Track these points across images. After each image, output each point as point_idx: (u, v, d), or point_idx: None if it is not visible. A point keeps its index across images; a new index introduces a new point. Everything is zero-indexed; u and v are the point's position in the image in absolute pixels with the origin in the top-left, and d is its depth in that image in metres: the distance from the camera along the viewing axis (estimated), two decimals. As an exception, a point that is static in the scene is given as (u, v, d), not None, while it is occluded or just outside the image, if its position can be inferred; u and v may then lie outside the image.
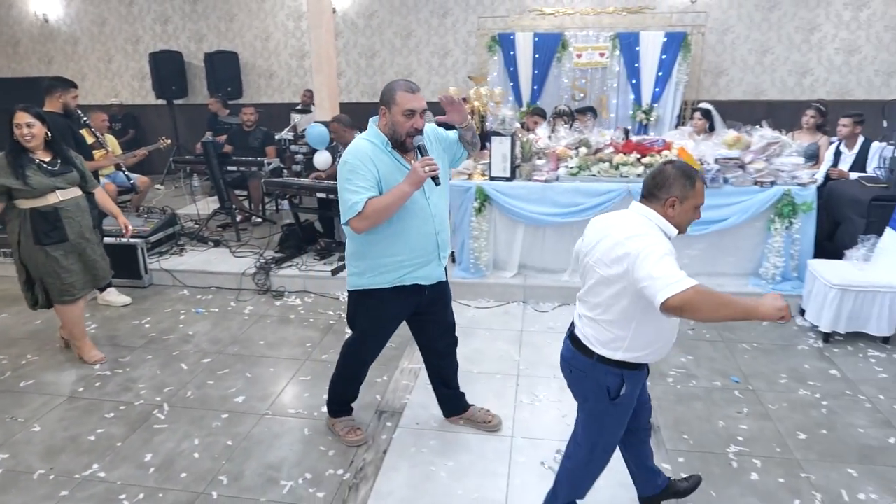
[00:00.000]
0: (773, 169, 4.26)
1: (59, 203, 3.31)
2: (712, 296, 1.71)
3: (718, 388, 3.33)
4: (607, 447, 2.12)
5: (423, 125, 2.42)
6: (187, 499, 2.49)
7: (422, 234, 2.48)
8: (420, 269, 2.52)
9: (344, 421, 2.89)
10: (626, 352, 1.96)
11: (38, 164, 3.27)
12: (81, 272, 3.46)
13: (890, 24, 7.37)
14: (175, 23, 8.79)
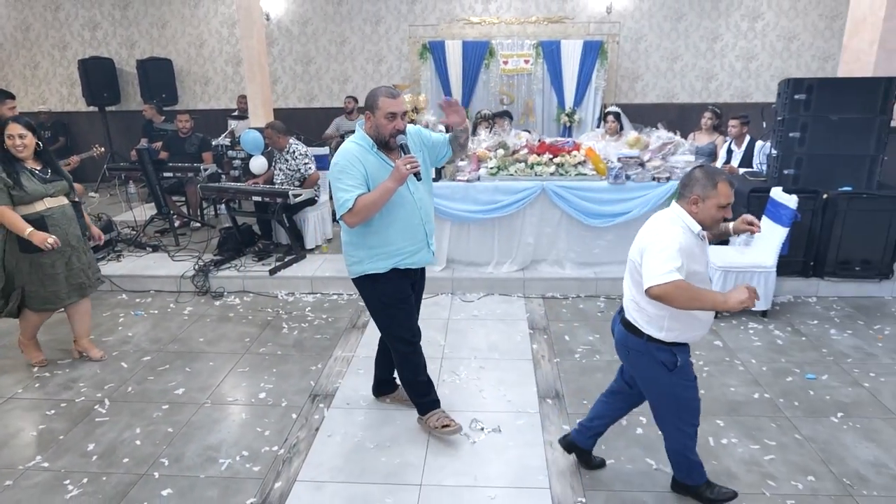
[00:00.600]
0: (669, 166, 4.76)
1: (46, 211, 3.36)
2: (688, 290, 2.02)
3: (618, 361, 3.72)
4: (689, 418, 2.36)
5: (405, 126, 2.65)
6: (130, 480, 2.70)
7: (411, 224, 2.74)
8: (413, 256, 2.80)
9: (436, 414, 2.99)
10: (668, 331, 2.22)
11: (30, 172, 3.34)
12: (65, 281, 3.48)
13: (781, 33, 8.14)
14: (105, 29, 8.72)
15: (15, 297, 3.45)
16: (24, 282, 3.42)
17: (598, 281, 4.77)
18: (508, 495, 2.59)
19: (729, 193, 2.15)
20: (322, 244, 5.56)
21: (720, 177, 2.16)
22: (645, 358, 2.30)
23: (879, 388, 3.41)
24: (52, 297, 3.46)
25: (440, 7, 8.25)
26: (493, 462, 2.81)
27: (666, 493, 2.59)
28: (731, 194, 2.16)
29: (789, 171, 4.68)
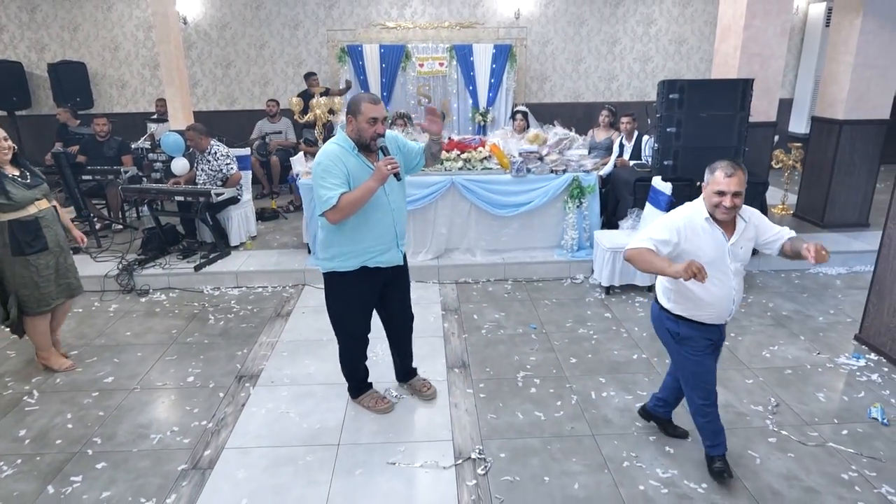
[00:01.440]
0: (565, 160, 5.30)
1: (39, 213, 3.40)
2: (647, 256, 2.32)
3: (519, 334, 4.23)
4: (699, 390, 2.59)
5: (385, 130, 2.81)
6: (64, 458, 2.90)
7: (382, 224, 2.90)
8: (382, 255, 2.96)
9: (369, 395, 3.28)
10: (674, 304, 2.51)
11: (12, 179, 3.34)
12: (55, 281, 3.55)
13: (673, 38, 8.97)
14: (11, 31, 8.47)
15: (12, 302, 3.46)
16: (17, 286, 3.44)
17: (506, 266, 5.24)
18: (416, 447, 2.98)
19: (723, 181, 2.31)
20: (246, 241, 5.77)
21: (719, 165, 2.35)
22: (658, 323, 2.68)
23: (736, 346, 4.03)
24: (46, 297, 3.51)
25: (357, 12, 8.56)
26: (404, 422, 3.19)
27: (551, 437, 3.04)
28: (727, 182, 2.31)
29: (668, 161, 5.30)
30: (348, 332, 3.15)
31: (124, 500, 2.62)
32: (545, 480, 2.73)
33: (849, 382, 3.56)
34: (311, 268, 5.10)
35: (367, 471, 2.80)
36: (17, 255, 3.36)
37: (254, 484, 2.71)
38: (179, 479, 2.75)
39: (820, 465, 2.82)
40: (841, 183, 6.10)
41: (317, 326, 4.30)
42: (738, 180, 2.34)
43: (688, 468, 2.81)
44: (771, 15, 5.55)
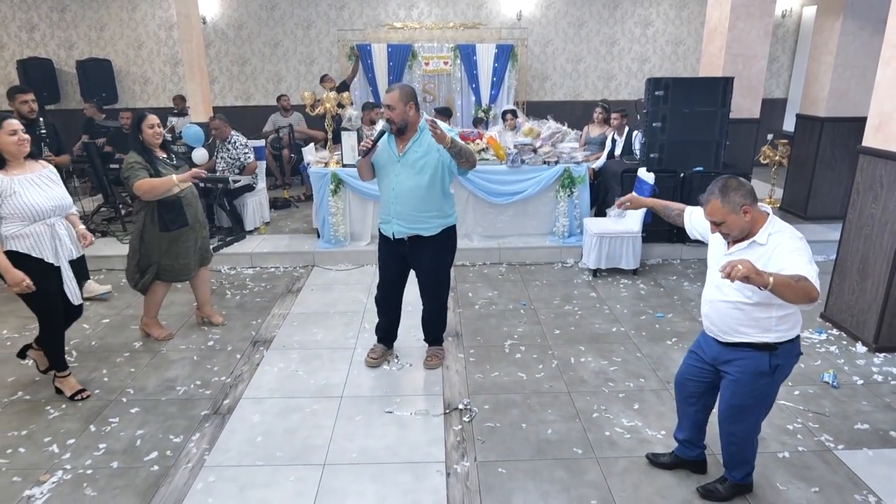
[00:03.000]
0: (557, 152, 5.67)
1: (181, 193, 3.75)
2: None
3: (510, 310, 4.60)
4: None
5: (391, 116, 3.17)
6: (102, 404, 3.31)
7: (385, 199, 3.39)
8: (385, 224, 3.44)
9: (372, 348, 3.80)
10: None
11: (162, 161, 3.73)
12: (195, 253, 3.93)
13: (669, 39, 9.30)
14: (42, 30, 8.98)
15: (151, 271, 3.82)
16: (159, 258, 3.79)
17: (501, 250, 5.61)
18: (410, 399, 3.36)
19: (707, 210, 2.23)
20: (260, 226, 6.19)
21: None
22: None
23: (710, 321, 4.38)
24: (184, 269, 3.89)
25: (366, 13, 8.98)
26: (401, 380, 3.58)
27: (531, 393, 3.42)
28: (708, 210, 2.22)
29: (654, 154, 5.66)
30: (379, 276, 3.69)
31: (156, 437, 3.03)
32: (522, 427, 3.10)
33: (808, 353, 3.89)
34: (320, 250, 5.51)
35: (365, 417, 3.19)
36: (163, 230, 3.73)
37: (267, 426, 3.11)
38: (203, 421, 3.16)
39: (769, 419, 3.12)
40: (822, 177, 6.42)
41: (324, 301, 4.71)
42: (710, 210, 2.22)
43: (651, 419, 3.17)
44: (754, 17, 5.90)
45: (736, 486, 2.61)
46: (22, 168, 3.06)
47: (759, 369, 2.30)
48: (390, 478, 2.72)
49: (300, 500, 2.58)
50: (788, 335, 2.27)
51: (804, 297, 2.01)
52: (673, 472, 2.76)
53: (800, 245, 2.14)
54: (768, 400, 2.41)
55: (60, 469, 2.77)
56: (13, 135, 2.98)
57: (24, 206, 2.99)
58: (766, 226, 2.22)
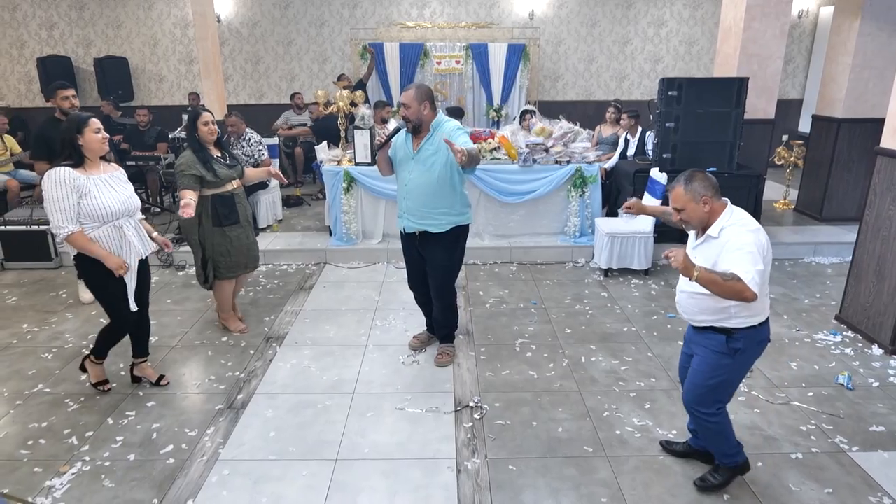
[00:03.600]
0: (569, 151, 5.67)
1: (235, 190, 3.82)
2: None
3: (521, 308, 4.61)
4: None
5: (407, 114, 3.26)
6: (119, 398, 3.37)
7: (399, 194, 3.49)
8: (399, 218, 3.54)
9: (418, 333, 4.01)
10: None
11: (216, 159, 3.76)
12: (245, 252, 3.95)
13: (683, 39, 9.25)
14: (62, 28, 9.11)
15: (210, 267, 3.88)
16: (214, 252, 3.85)
17: (512, 249, 5.63)
18: (421, 396, 3.39)
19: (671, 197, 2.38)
20: (273, 224, 6.24)
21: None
22: None
23: (722, 322, 4.36)
24: (235, 265, 3.92)
25: (379, 12, 9.01)
26: (412, 377, 3.60)
27: (541, 392, 3.43)
28: (671, 197, 2.37)
29: (667, 155, 5.64)
30: (406, 269, 3.81)
31: (171, 430, 3.07)
32: (533, 425, 3.12)
33: (822, 354, 3.87)
34: (332, 248, 5.55)
35: (377, 413, 3.21)
36: (216, 226, 3.79)
37: (280, 421, 3.14)
38: (217, 415, 3.20)
39: (782, 420, 3.16)
40: (839, 179, 6.37)
41: (336, 298, 4.75)
42: (673, 196, 2.35)
43: (662, 419, 3.17)
44: (770, 17, 5.85)
45: (729, 469, 2.63)
46: (97, 168, 3.05)
47: (718, 349, 2.41)
48: (402, 474, 2.74)
49: (312, 495, 2.61)
50: (750, 322, 2.35)
51: (735, 295, 2.15)
52: (683, 472, 2.76)
53: (747, 241, 2.21)
54: (729, 381, 2.48)
55: (79, 461, 2.83)
56: (98, 132, 2.98)
57: (97, 207, 2.96)
58: (720, 219, 2.30)
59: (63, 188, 2.87)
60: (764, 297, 2.33)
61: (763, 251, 2.22)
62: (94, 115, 3.07)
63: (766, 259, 2.24)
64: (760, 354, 2.49)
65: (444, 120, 3.41)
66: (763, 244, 2.24)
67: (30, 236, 5.28)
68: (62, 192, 2.87)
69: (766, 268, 2.24)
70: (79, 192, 2.91)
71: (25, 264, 5.37)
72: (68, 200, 2.88)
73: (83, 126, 2.95)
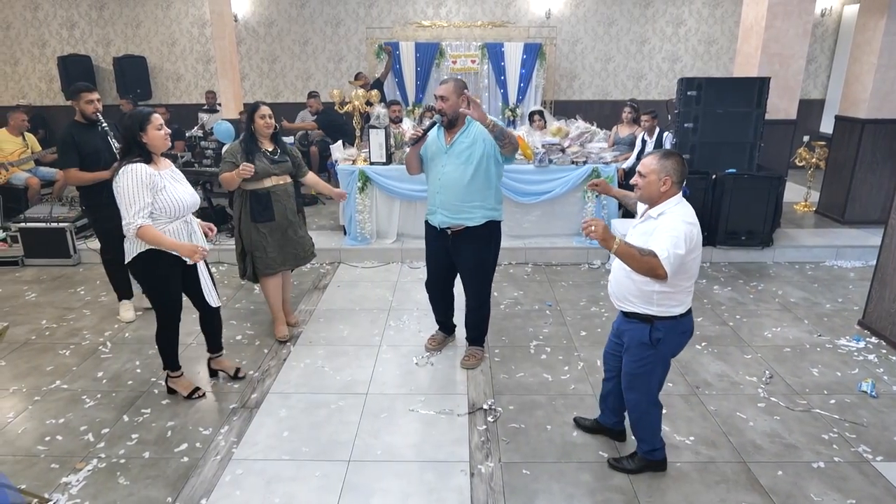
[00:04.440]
0: (586, 152, 5.61)
1: (272, 187, 3.73)
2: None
3: (535, 310, 4.57)
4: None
5: (444, 107, 3.24)
6: (135, 395, 3.39)
7: (432, 188, 3.48)
8: (431, 214, 3.53)
9: (432, 335, 3.95)
10: None
11: (263, 153, 3.73)
12: (281, 249, 3.86)
13: (702, 38, 9.13)
14: (82, 28, 9.22)
15: (248, 261, 3.87)
16: (251, 248, 3.83)
17: (527, 250, 5.58)
18: (434, 398, 3.36)
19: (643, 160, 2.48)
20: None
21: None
22: None
23: (740, 326, 4.30)
24: (271, 262, 3.83)
25: (395, 11, 9.01)
26: (425, 378, 3.58)
27: (556, 395, 3.39)
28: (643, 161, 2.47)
29: (686, 155, 5.56)
30: (426, 266, 3.77)
31: (186, 428, 3.08)
32: (547, 429, 3.08)
33: (845, 361, 3.79)
34: (347, 247, 5.55)
35: (390, 415, 3.20)
36: (252, 221, 3.76)
37: (293, 421, 3.14)
38: (231, 414, 3.20)
39: (803, 427, 3.10)
40: (862, 181, 6.24)
41: (350, 297, 4.74)
42: (645, 161, 2.43)
43: (679, 424, 3.12)
44: (792, 16, 5.75)
45: (643, 460, 2.75)
46: (161, 164, 3.07)
47: (641, 340, 2.52)
48: (415, 476, 2.72)
49: (325, 496, 2.60)
50: (670, 311, 2.45)
51: (649, 271, 2.27)
52: (701, 479, 2.71)
53: (678, 227, 2.30)
54: (655, 372, 2.59)
55: (95, 458, 2.84)
56: (160, 129, 2.98)
57: (172, 201, 2.97)
58: (666, 203, 2.40)
59: (139, 184, 2.87)
60: (686, 291, 2.45)
61: (689, 242, 2.31)
62: (155, 111, 3.06)
63: (691, 251, 2.33)
64: (684, 346, 2.60)
65: None
66: (693, 237, 2.33)
67: (49, 233, 5.35)
68: (138, 188, 2.87)
69: (689, 259, 2.34)
70: (153, 188, 2.92)
71: (45, 261, 5.44)
72: (143, 196, 2.87)
73: (146, 123, 2.96)
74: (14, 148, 6.19)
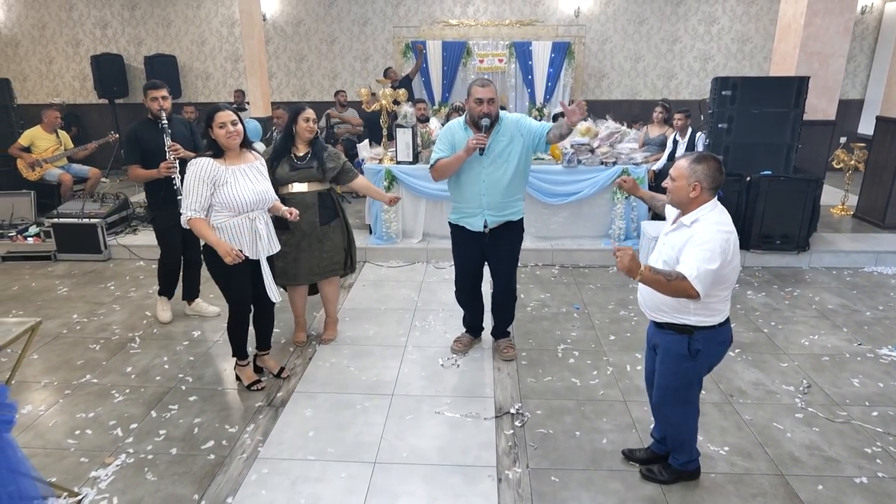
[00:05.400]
0: (615, 152, 5.51)
1: (288, 195, 3.52)
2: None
3: (563, 313, 4.50)
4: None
5: (492, 111, 3.19)
6: (163, 391, 3.41)
7: (471, 192, 3.38)
8: (470, 218, 3.45)
9: (459, 337, 3.90)
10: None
11: (290, 157, 3.55)
12: (294, 262, 3.64)
13: (735, 37, 8.92)
14: (114, 27, 9.39)
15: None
16: (274, 256, 3.69)
17: (554, 252, 5.50)
18: (461, 401, 3.32)
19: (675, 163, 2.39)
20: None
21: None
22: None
23: (776, 333, 4.17)
24: (282, 272, 3.63)
25: (422, 10, 8.98)
26: (451, 380, 3.54)
27: (585, 400, 3.32)
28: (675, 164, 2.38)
29: (718, 157, 5.42)
30: (457, 270, 3.75)
31: (212, 426, 3.08)
32: (576, 435, 3.01)
33: (887, 371, 3.64)
34: (372, 246, 5.54)
35: (416, 416, 3.16)
36: (276, 227, 3.42)
37: (319, 421, 3.12)
38: (257, 413, 3.20)
39: (844, 440, 2.98)
40: (904, 184, 6.02)
41: (375, 297, 4.72)
42: (677, 165, 2.35)
43: (713, 433, 3.02)
44: (833, 13, 5.57)
45: (677, 471, 2.65)
46: (238, 158, 3.12)
47: (679, 352, 2.39)
48: (441, 480, 2.68)
49: (351, 497, 2.57)
50: (708, 321, 2.33)
51: (680, 294, 2.16)
52: (737, 491, 2.62)
53: (712, 237, 2.18)
54: (692, 383, 2.48)
55: (124, 452, 2.86)
56: (221, 127, 3.01)
57: (233, 197, 3.02)
58: (698, 211, 2.27)
59: (198, 178, 2.98)
60: (723, 300, 2.34)
61: (725, 254, 2.19)
62: (226, 108, 3.11)
63: (729, 261, 2.21)
64: (723, 356, 2.50)
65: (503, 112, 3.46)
66: (729, 248, 2.20)
67: (81, 229, 5.44)
68: (196, 182, 2.98)
69: (727, 271, 2.23)
70: (214, 183, 3.00)
71: (76, 256, 5.53)
72: (199, 190, 2.98)
73: (211, 120, 3.05)
74: (48, 145, 6.32)
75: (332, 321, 4.06)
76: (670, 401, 2.52)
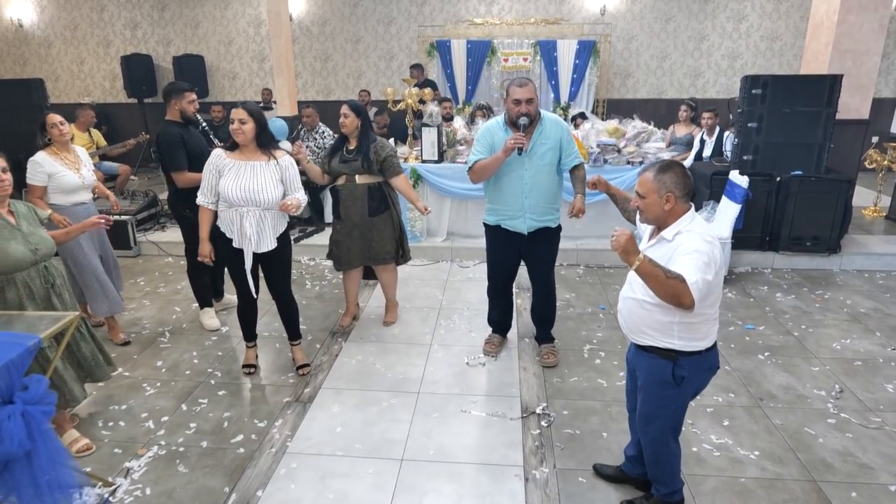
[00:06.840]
0: (642, 152, 5.45)
1: (340, 186, 3.80)
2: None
3: (588, 313, 4.47)
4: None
5: (530, 110, 3.16)
6: (193, 385, 3.47)
7: (513, 194, 3.35)
8: (510, 220, 3.43)
9: (488, 338, 3.86)
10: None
11: (342, 151, 3.76)
12: (348, 251, 3.91)
13: (765, 34, 8.77)
14: (144, 28, 9.56)
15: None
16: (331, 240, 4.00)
17: (579, 251, 5.47)
18: (487, 400, 3.32)
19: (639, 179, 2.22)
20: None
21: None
22: None
23: (806, 337, 4.09)
24: (336, 259, 3.98)
25: (446, 9, 8.98)
26: (477, 379, 3.54)
27: (611, 401, 3.29)
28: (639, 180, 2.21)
29: (748, 157, 5.35)
30: (490, 274, 3.73)
31: (241, 420, 3.13)
32: (603, 436, 2.99)
33: (920, 377, 3.56)
34: (397, 245, 5.55)
35: (442, 415, 3.17)
36: (333, 216, 3.95)
37: (346, 417, 3.15)
38: (285, 408, 3.24)
39: (878, 447, 2.91)
40: (940, 185, 5.87)
41: (400, 295, 4.70)
42: (641, 179, 2.18)
43: (742, 437, 2.98)
44: (868, 10, 5.44)
45: (660, 502, 2.47)
46: (252, 154, 3.20)
47: (663, 378, 2.22)
48: (468, 478, 2.68)
49: (379, 494, 2.59)
50: (694, 346, 2.16)
51: (672, 296, 1.98)
52: (768, 496, 2.58)
53: (700, 248, 2.02)
54: (676, 411, 2.30)
55: (156, 444, 2.92)
56: (232, 122, 3.15)
57: (222, 189, 3.18)
58: (678, 223, 2.13)
59: (207, 166, 3.23)
60: (711, 321, 2.17)
61: (714, 265, 2.03)
62: (238, 108, 3.18)
63: (716, 273, 2.05)
64: (707, 383, 2.33)
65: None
66: (716, 258, 2.04)
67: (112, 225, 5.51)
68: (207, 168, 3.23)
69: (716, 284, 2.08)
70: (218, 172, 3.19)
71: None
72: (208, 177, 3.22)
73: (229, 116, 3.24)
74: (81, 143, 6.44)
75: (392, 304, 4.29)
76: (649, 427, 2.34)
